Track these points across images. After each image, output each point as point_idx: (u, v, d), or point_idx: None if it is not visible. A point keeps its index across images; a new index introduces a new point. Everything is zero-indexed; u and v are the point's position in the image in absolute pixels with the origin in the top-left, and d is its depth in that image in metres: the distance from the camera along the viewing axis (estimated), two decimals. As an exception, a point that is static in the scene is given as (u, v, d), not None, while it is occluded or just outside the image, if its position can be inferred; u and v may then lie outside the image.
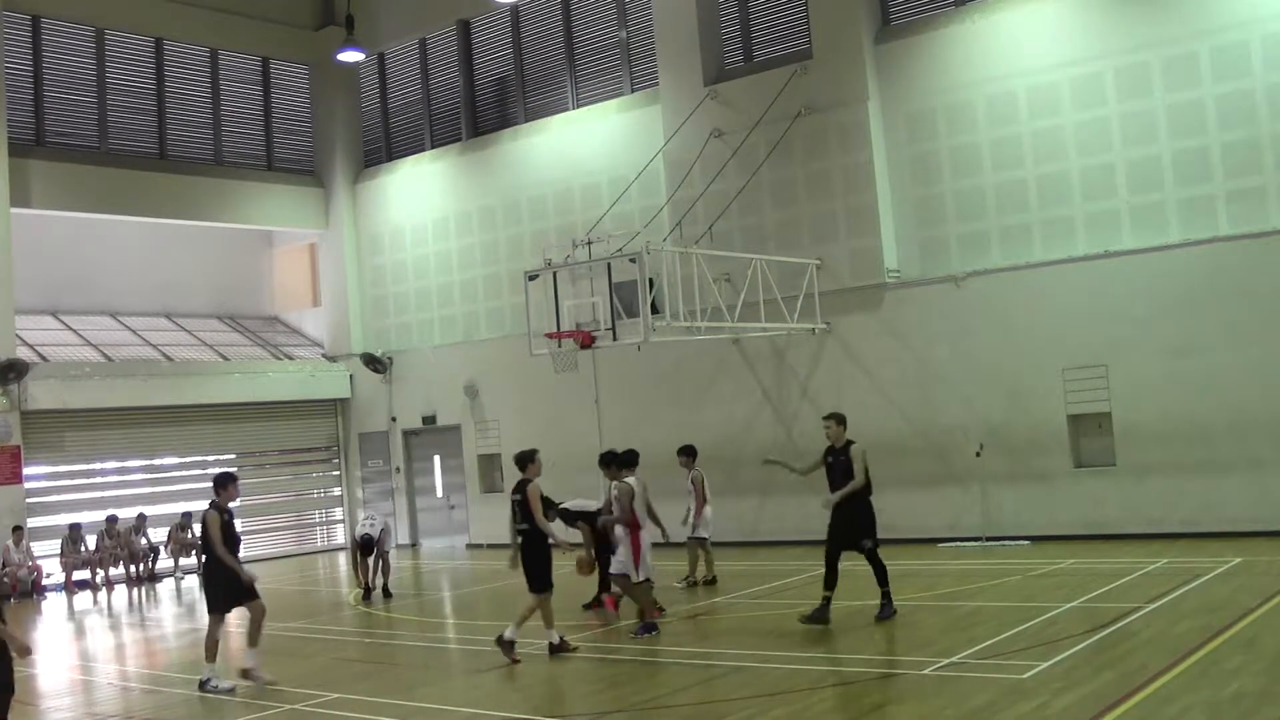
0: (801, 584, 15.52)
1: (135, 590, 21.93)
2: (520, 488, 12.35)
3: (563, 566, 12.80)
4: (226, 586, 11.61)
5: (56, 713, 11.45)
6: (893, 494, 19.28)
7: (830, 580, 12.45)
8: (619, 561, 13.07)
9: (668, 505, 15.28)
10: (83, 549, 22.26)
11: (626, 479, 13.06)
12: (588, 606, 14.69)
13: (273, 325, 28.71)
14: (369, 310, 27.08)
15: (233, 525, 11.83)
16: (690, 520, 15.94)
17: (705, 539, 16.06)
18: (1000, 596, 13.57)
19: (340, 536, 26.65)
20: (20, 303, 22.72)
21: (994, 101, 18.85)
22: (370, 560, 17.87)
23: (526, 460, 12.55)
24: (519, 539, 12.24)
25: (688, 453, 16.25)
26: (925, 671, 9.88)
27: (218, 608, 11.76)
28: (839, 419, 13.04)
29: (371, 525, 18.12)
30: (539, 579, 12.05)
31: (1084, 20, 18.21)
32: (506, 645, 11.73)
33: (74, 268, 25.31)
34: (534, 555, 12.11)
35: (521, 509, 12.21)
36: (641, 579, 12.76)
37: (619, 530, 12.95)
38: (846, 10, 19.87)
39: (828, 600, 12.33)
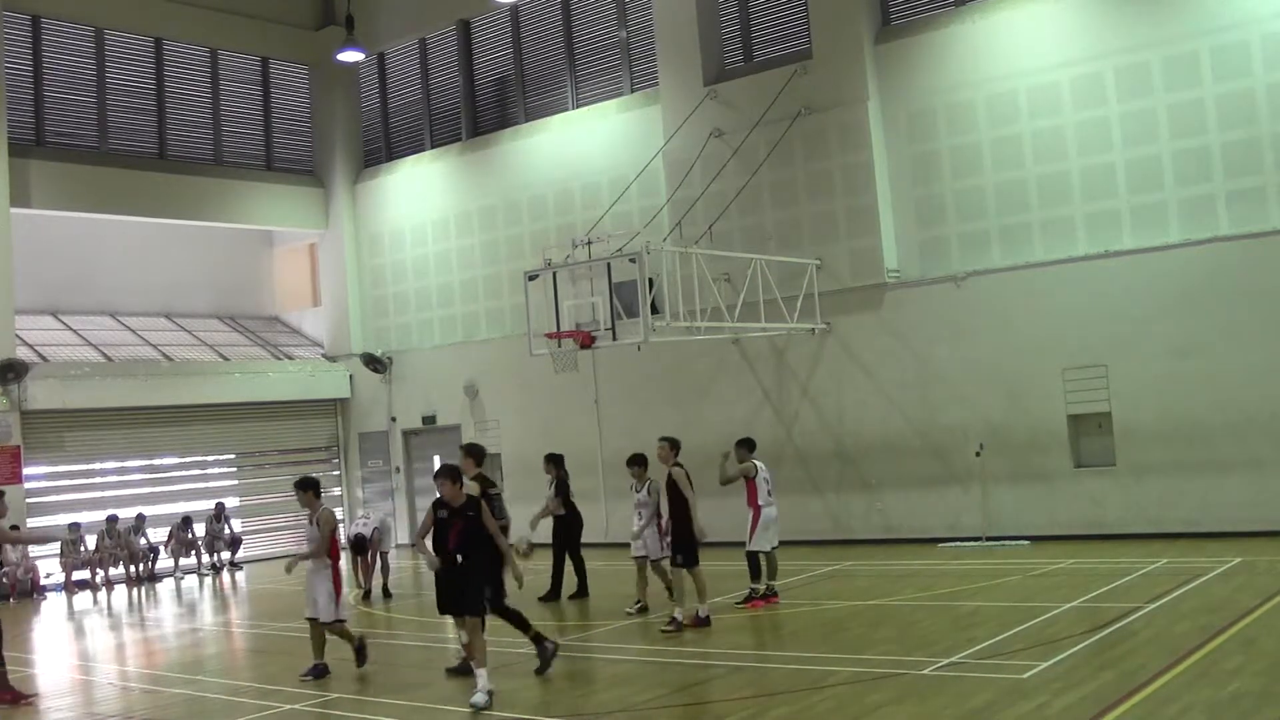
0: (802, 584, 15.53)
1: (135, 590, 21.93)
2: (670, 473, 12.98)
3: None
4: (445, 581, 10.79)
5: (56, 713, 11.44)
6: (893, 494, 19.38)
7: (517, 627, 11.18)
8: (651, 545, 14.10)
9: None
10: (83, 549, 22.25)
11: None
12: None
13: (273, 325, 28.71)
14: (369, 310, 27.09)
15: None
16: (662, 538, 14.05)
17: (651, 559, 14.35)
18: (1000, 596, 13.57)
19: (340, 537, 26.59)
20: (20, 303, 22.72)
21: (994, 101, 18.85)
22: (364, 560, 17.90)
23: (679, 446, 13.34)
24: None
25: (640, 462, 14.40)
26: (925, 671, 9.88)
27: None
28: (469, 450, 12.68)
29: (364, 524, 18.15)
30: (692, 554, 12.79)
31: (1084, 20, 18.21)
32: (681, 622, 12.53)
33: (74, 268, 25.31)
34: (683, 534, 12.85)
35: (672, 491, 12.83)
36: (339, 618, 11.89)
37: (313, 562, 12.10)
38: (846, 10, 19.88)
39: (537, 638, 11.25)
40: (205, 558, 23.78)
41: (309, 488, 12.22)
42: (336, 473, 27.29)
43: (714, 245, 19.39)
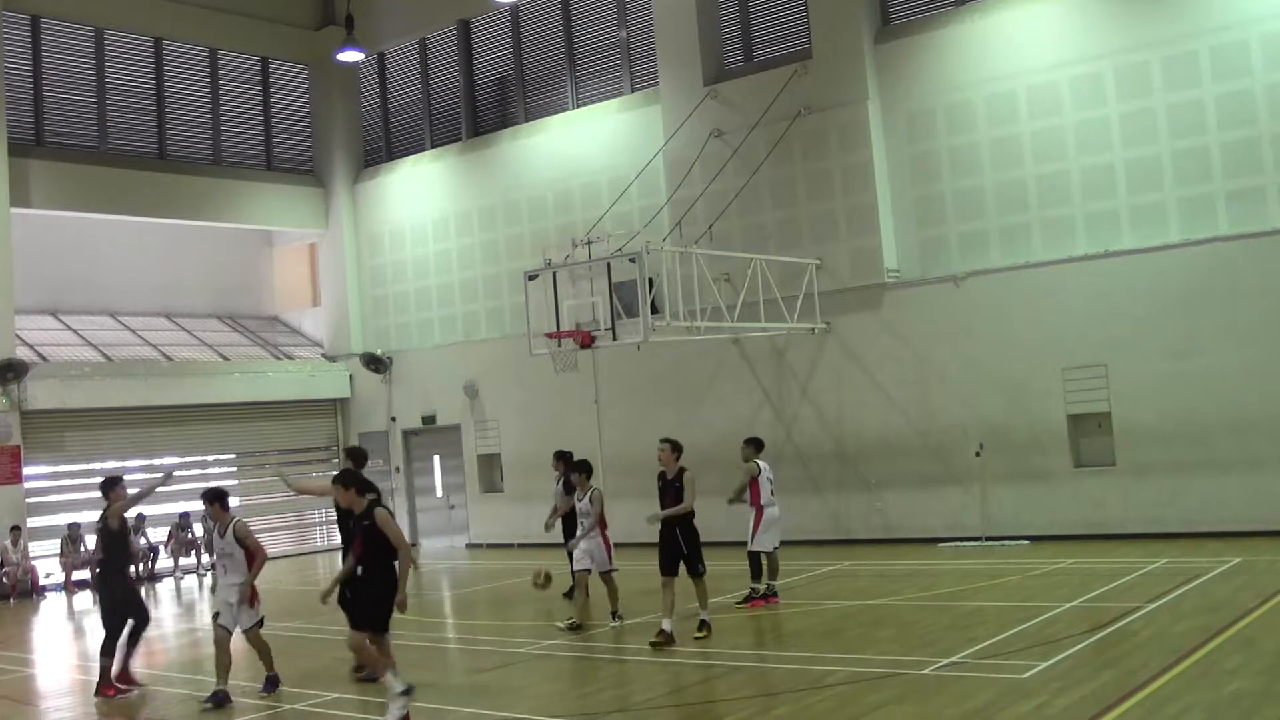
0: (802, 584, 15.53)
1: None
2: (680, 475, 12.55)
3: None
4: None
5: (56, 713, 11.45)
6: (893, 494, 19.37)
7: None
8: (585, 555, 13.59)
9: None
10: (82, 549, 22.24)
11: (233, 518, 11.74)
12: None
13: (273, 325, 28.71)
14: (369, 310, 27.09)
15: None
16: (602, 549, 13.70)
17: (599, 570, 13.83)
18: (1000, 596, 13.57)
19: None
20: (20, 303, 22.73)
21: (994, 101, 18.85)
22: None
23: (681, 448, 12.91)
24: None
25: (582, 469, 13.94)
26: (925, 671, 9.88)
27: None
28: (349, 453, 12.18)
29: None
30: (700, 561, 12.48)
31: (1084, 20, 18.21)
32: (668, 637, 12.06)
33: (74, 268, 25.32)
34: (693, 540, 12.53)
35: (676, 495, 12.48)
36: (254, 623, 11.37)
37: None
38: (846, 10, 19.87)
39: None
40: (205, 557, 23.77)
41: (216, 499, 11.43)
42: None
43: (714, 245, 19.39)
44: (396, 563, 9.69)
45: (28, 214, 23.11)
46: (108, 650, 11.73)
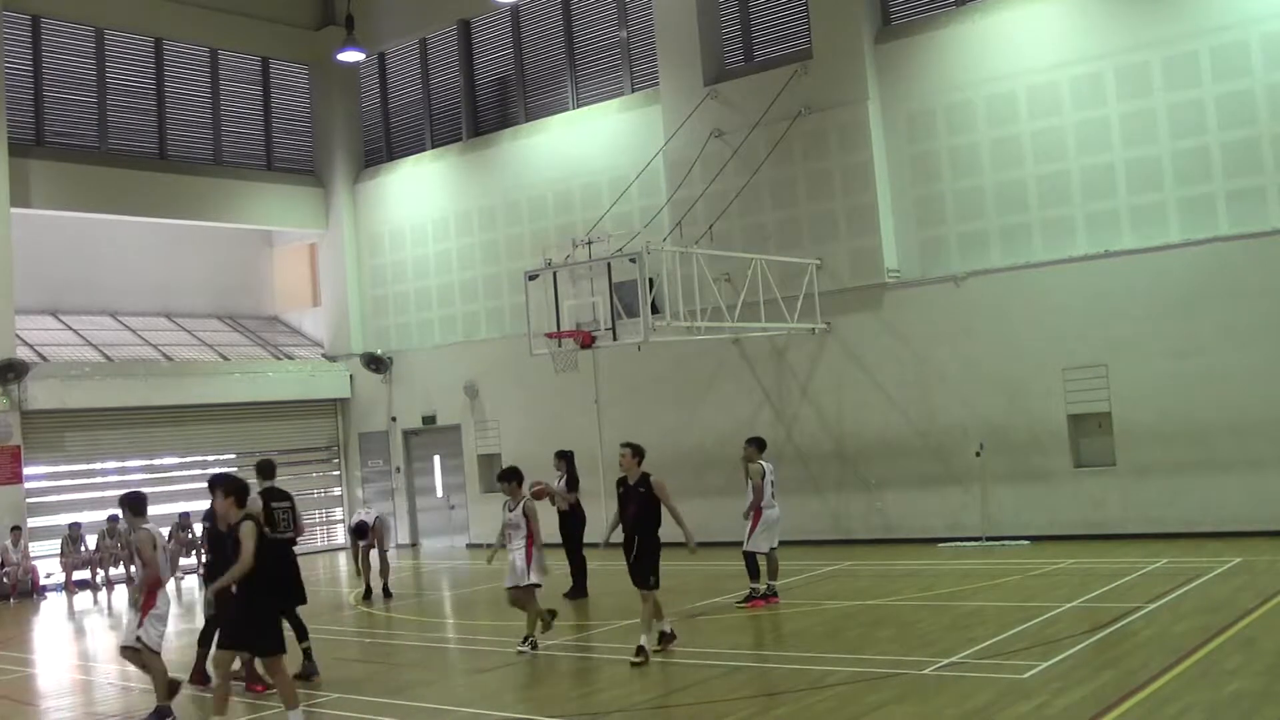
0: (802, 584, 15.53)
1: (135, 590, 21.88)
2: (644, 481, 11.73)
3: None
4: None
5: (56, 713, 11.45)
6: (893, 494, 19.38)
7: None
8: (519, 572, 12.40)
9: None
10: (83, 549, 22.25)
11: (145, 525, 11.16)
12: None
13: (273, 325, 28.71)
14: (369, 310, 27.09)
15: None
16: (535, 565, 12.44)
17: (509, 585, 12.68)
18: (1000, 596, 13.57)
19: (340, 536, 26.63)
20: (20, 303, 22.71)
21: (994, 101, 18.85)
22: (365, 548, 17.64)
23: (643, 453, 12.01)
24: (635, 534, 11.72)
25: (513, 478, 12.79)
26: (925, 671, 9.88)
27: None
28: (257, 466, 11.70)
29: (366, 513, 18.05)
30: (658, 575, 11.65)
31: (1084, 20, 18.21)
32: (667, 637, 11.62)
33: (74, 268, 25.31)
34: (650, 550, 11.71)
35: (640, 501, 11.67)
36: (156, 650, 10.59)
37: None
38: (846, 10, 19.88)
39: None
40: (205, 557, 23.75)
41: (126, 504, 10.93)
42: (336, 473, 27.29)
43: (714, 245, 19.39)
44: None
45: (28, 214, 23.10)
46: (206, 641, 11.56)
